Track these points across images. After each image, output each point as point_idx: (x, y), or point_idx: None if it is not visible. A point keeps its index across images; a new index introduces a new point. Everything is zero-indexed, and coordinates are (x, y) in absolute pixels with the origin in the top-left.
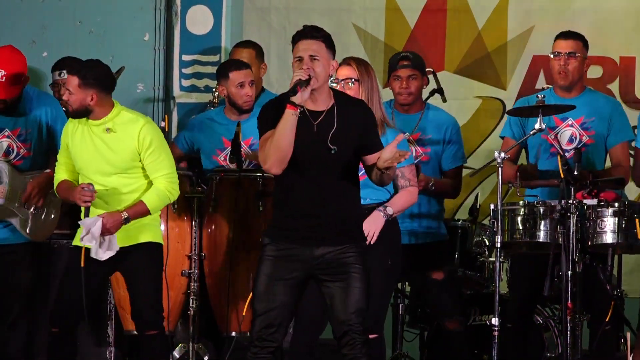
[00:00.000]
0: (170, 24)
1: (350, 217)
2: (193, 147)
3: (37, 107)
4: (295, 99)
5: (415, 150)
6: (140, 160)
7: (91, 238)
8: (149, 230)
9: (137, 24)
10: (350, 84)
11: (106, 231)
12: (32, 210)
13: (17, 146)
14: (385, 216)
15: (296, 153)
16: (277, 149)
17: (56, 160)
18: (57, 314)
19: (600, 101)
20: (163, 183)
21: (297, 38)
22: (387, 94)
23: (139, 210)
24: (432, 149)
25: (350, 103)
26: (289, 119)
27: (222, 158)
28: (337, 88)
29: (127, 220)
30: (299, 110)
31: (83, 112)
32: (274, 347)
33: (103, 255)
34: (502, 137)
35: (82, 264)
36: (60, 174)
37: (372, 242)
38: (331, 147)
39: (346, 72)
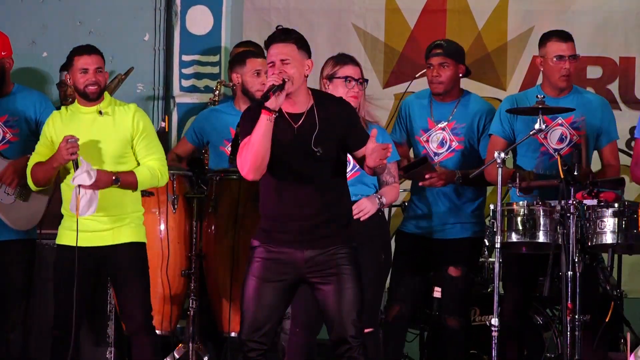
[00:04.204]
0: (170, 24)
1: (339, 217)
2: (202, 140)
3: (26, 98)
4: (270, 104)
5: (449, 140)
6: (132, 147)
7: (86, 177)
8: (132, 230)
9: (137, 24)
10: (361, 84)
11: (95, 184)
12: (14, 196)
13: (3, 131)
14: (379, 204)
15: (279, 157)
16: (253, 155)
17: None
18: (58, 317)
19: (590, 100)
20: (156, 163)
21: (268, 43)
22: (386, 93)
23: (129, 179)
24: (465, 138)
25: (330, 101)
26: (264, 125)
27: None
28: (354, 89)
29: (116, 181)
30: (274, 116)
31: (104, 91)
32: (264, 350)
33: (84, 211)
34: (490, 135)
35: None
36: (33, 161)
37: (360, 219)
38: (315, 149)
39: (358, 72)
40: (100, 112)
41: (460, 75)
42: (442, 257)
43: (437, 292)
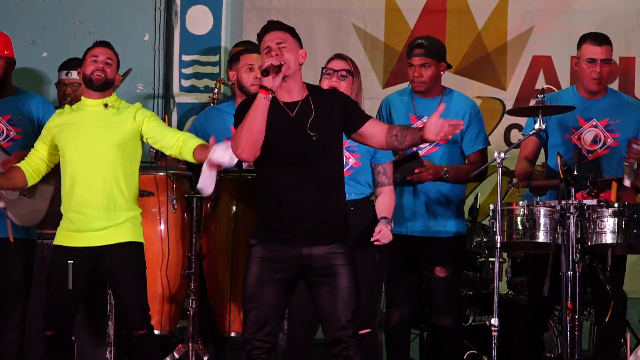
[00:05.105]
0: (170, 24)
1: (336, 216)
2: (202, 139)
3: (29, 100)
4: (267, 82)
5: None
6: (141, 132)
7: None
8: (129, 230)
9: (137, 24)
10: (344, 76)
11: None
12: (19, 192)
13: (7, 129)
14: (391, 228)
15: (276, 146)
16: (248, 133)
17: None
18: (49, 317)
19: (626, 103)
20: (184, 134)
21: (262, 33)
22: (386, 93)
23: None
24: None
25: (324, 92)
26: (260, 103)
27: None
28: (332, 79)
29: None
30: (270, 95)
31: (110, 85)
32: (268, 348)
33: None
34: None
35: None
36: (26, 161)
37: (375, 243)
38: (310, 133)
39: (342, 64)
40: (105, 105)
41: (442, 72)
42: (427, 257)
43: None
